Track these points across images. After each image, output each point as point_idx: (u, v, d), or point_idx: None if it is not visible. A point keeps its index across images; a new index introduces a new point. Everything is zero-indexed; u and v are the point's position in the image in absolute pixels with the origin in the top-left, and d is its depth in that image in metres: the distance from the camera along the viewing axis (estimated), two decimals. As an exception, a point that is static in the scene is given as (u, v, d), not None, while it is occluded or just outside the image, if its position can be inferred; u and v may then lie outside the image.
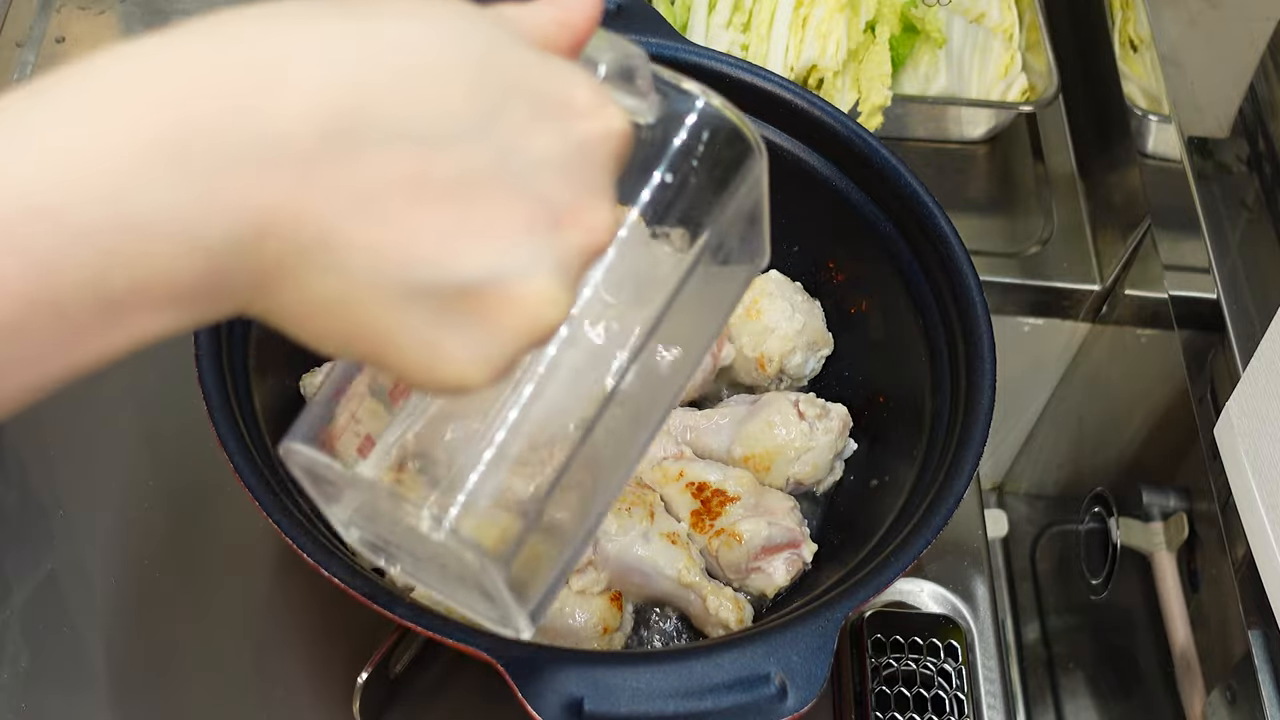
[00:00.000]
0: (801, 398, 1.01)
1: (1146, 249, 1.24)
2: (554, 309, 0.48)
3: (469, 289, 0.46)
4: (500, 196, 0.46)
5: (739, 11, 1.30)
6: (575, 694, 0.72)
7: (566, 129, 0.48)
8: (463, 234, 0.45)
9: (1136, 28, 1.28)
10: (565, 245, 0.48)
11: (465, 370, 0.48)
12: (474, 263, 0.46)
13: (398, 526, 0.58)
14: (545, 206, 0.47)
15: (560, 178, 0.48)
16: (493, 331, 0.47)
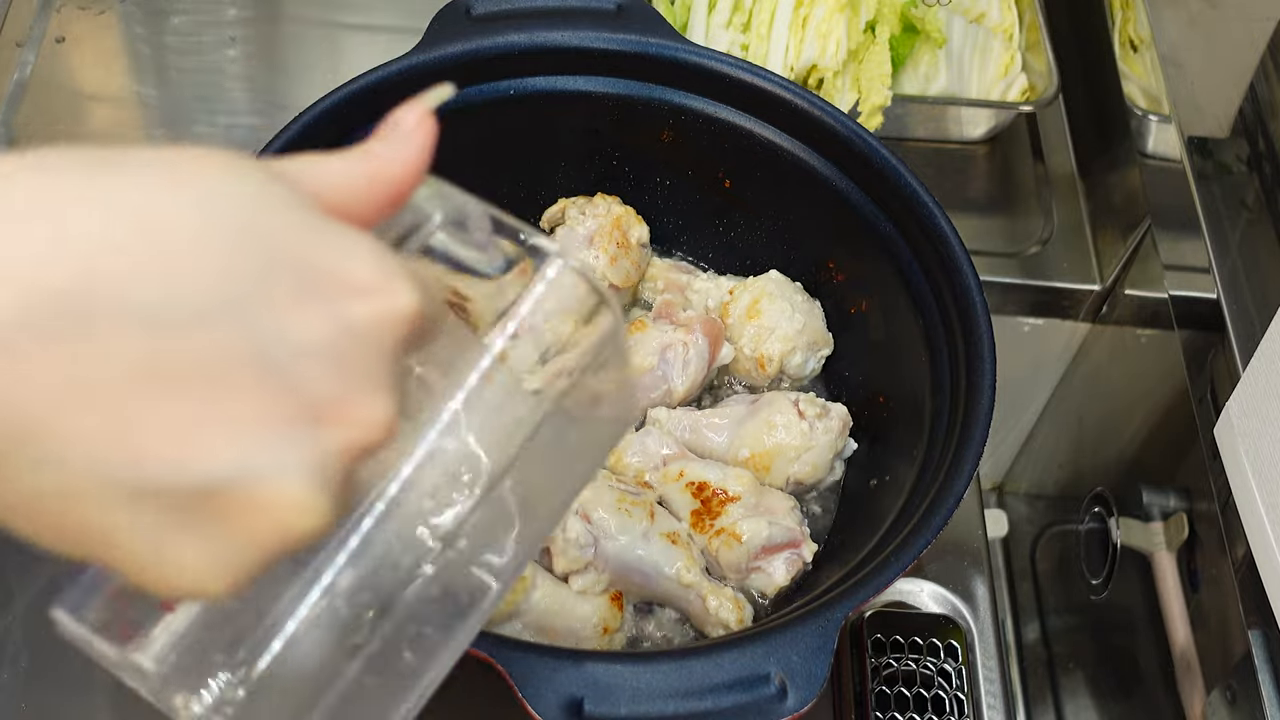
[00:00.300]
0: (801, 398, 1.01)
1: (1146, 249, 1.24)
2: (306, 516, 0.42)
3: (206, 491, 0.41)
4: (249, 387, 0.41)
5: (739, 11, 1.30)
6: (575, 694, 0.72)
7: (337, 311, 0.43)
8: (201, 429, 0.40)
9: (1136, 28, 1.28)
10: (325, 444, 0.42)
11: (200, 580, 0.42)
12: (212, 462, 0.41)
13: None
14: (303, 400, 0.42)
15: (325, 367, 0.42)
16: (233, 538, 0.42)
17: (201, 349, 0.40)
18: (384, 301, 0.44)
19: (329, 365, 0.42)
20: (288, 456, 0.42)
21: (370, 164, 0.47)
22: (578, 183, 1.11)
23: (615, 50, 1.02)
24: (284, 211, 0.43)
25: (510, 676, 0.72)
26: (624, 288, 1.09)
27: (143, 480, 0.40)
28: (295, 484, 0.42)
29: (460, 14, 1.01)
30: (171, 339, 0.40)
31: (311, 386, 0.42)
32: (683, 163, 1.09)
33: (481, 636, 0.75)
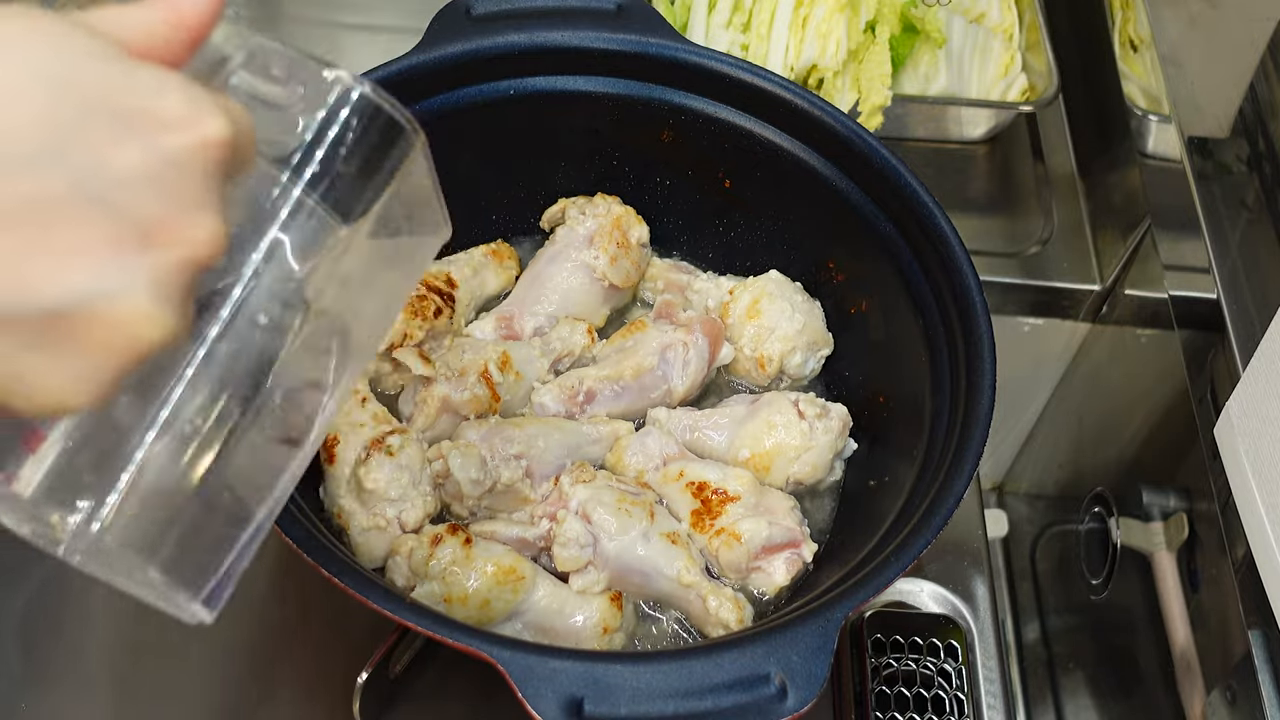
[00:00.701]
0: (801, 398, 1.01)
1: (1146, 249, 1.24)
2: (152, 326, 0.47)
3: (54, 315, 0.45)
4: (80, 219, 0.45)
5: (739, 11, 1.30)
6: (575, 694, 0.72)
7: (152, 143, 0.47)
8: (39, 259, 0.45)
9: (1136, 28, 1.28)
10: (160, 261, 0.47)
11: (64, 395, 0.47)
12: (55, 288, 0.45)
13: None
14: (132, 225, 0.46)
15: (148, 194, 0.47)
16: (87, 355, 0.46)
17: (30, 189, 0.44)
18: (196, 130, 0.48)
19: (150, 192, 0.47)
20: (124, 277, 0.46)
21: (167, 8, 0.51)
22: (578, 183, 1.11)
23: (615, 50, 1.02)
24: (95, 60, 0.47)
25: (510, 676, 0.72)
26: (624, 288, 1.09)
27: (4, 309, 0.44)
28: (138, 299, 0.46)
29: (460, 14, 1.01)
30: (5, 180, 0.44)
31: (136, 212, 0.46)
32: (683, 163, 1.09)
33: (482, 636, 0.75)
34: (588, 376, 1.03)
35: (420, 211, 0.63)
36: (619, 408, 1.03)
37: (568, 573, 0.92)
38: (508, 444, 0.95)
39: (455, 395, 0.97)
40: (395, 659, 0.93)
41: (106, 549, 0.53)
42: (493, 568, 0.89)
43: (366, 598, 0.76)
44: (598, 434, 1.00)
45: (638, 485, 0.97)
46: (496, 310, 1.08)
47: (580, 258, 1.07)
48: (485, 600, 0.88)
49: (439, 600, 0.88)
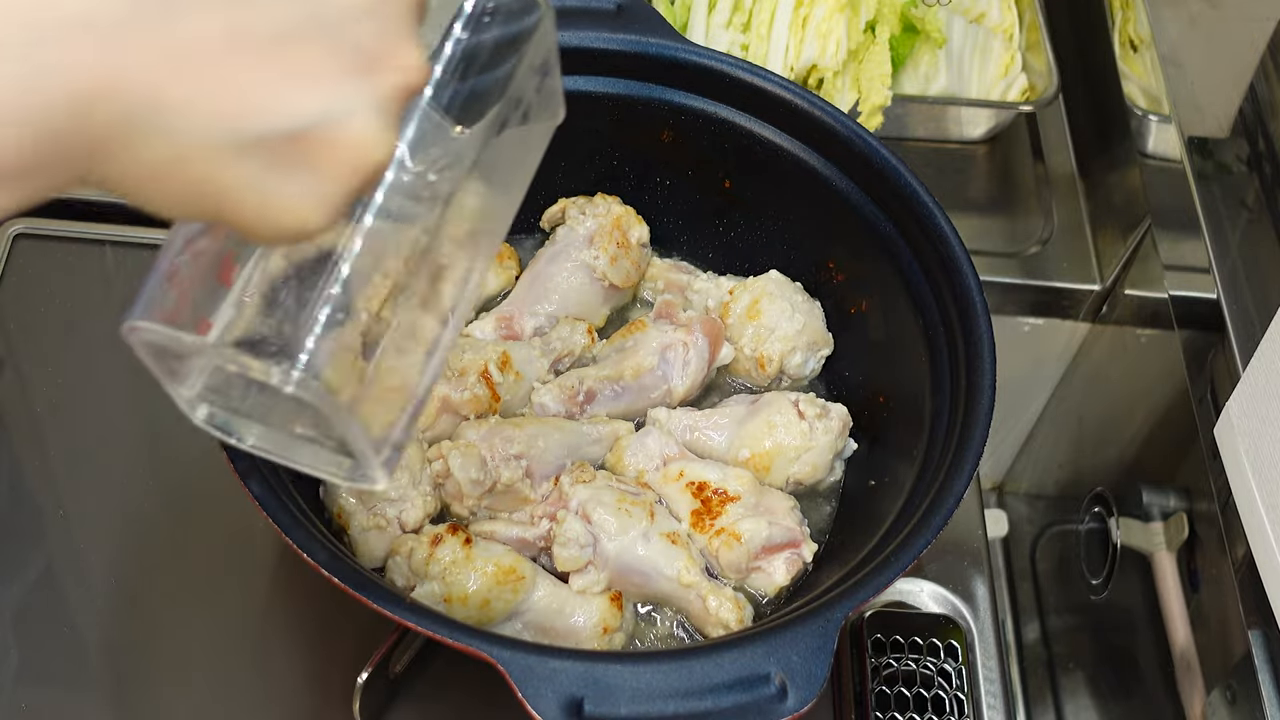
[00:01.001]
0: (801, 398, 1.01)
1: (1146, 249, 1.24)
2: (379, 146, 0.51)
3: (296, 135, 0.48)
4: (315, 46, 0.49)
5: (739, 11, 1.30)
6: (575, 694, 0.72)
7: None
8: (284, 83, 0.48)
9: (1136, 28, 1.28)
10: (382, 87, 0.51)
11: (302, 214, 0.50)
12: (298, 109, 0.48)
13: (246, 393, 0.61)
14: (357, 52, 0.50)
15: (368, 25, 0.50)
16: (324, 173, 0.50)
17: (273, 18, 0.48)
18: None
19: (371, 23, 0.50)
20: (356, 99, 0.50)
21: None
22: (578, 183, 1.11)
23: (615, 50, 1.02)
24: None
25: (510, 676, 0.72)
26: (624, 288, 1.09)
27: (244, 135, 0.48)
28: (367, 119, 0.50)
29: (460, 14, 1.01)
30: (248, 10, 0.47)
31: (362, 42, 0.50)
32: (683, 163, 1.09)
33: (482, 636, 0.75)
34: (588, 376, 1.03)
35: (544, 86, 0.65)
36: (619, 408, 1.03)
37: (568, 573, 0.92)
38: (508, 444, 0.95)
39: (455, 395, 0.97)
40: (395, 659, 0.93)
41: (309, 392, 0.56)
42: (493, 568, 0.89)
43: (366, 598, 0.76)
44: (598, 434, 1.00)
45: (638, 485, 0.97)
46: (496, 310, 1.08)
47: (580, 258, 1.07)
48: (485, 600, 0.88)
49: (439, 600, 0.88)
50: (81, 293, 1.16)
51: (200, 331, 0.56)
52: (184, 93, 0.46)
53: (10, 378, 1.11)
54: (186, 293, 0.57)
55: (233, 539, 1.03)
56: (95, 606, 1.00)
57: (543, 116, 0.67)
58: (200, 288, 0.57)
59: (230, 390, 0.62)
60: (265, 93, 0.48)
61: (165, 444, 1.08)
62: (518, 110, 0.64)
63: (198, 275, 0.57)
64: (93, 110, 0.45)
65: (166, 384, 0.61)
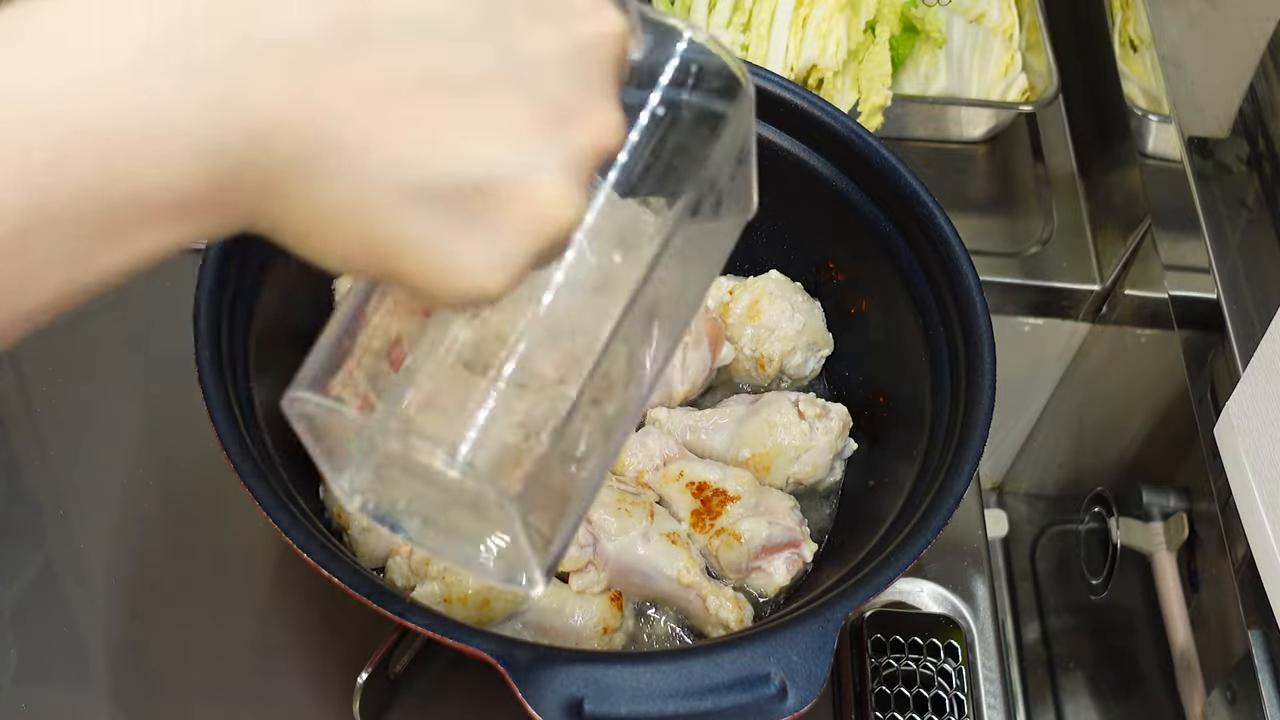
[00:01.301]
0: (801, 398, 1.01)
1: (1146, 249, 1.24)
2: (566, 208, 0.47)
3: (480, 188, 0.45)
4: (506, 94, 0.46)
5: (739, 11, 1.30)
6: (575, 694, 0.72)
7: (566, 29, 0.48)
8: (472, 132, 0.45)
9: (1136, 28, 1.28)
10: (574, 144, 0.47)
11: (481, 276, 0.47)
12: (485, 161, 0.45)
13: (407, 480, 0.57)
14: (551, 105, 0.47)
15: (564, 77, 0.47)
16: (507, 232, 0.46)
17: (467, 61, 0.45)
18: (601, 23, 0.49)
19: (565, 75, 0.48)
20: (546, 155, 0.46)
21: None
22: (578, 183, 1.11)
23: (615, 50, 1.02)
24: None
25: (510, 676, 0.72)
26: (624, 288, 1.09)
27: (425, 183, 0.44)
28: (555, 178, 0.47)
29: (460, 14, 1.01)
30: (442, 52, 0.44)
31: (556, 94, 0.47)
32: (683, 163, 1.09)
33: (482, 636, 0.75)
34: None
35: (739, 176, 0.62)
36: (619, 408, 1.03)
37: (568, 573, 0.92)
38: (508, 444, 0.95)
39: (455, 395, 0.97)
40: (395, 659, 0.93)
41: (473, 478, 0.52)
42: (493, 568, 0.89)
43: (366, 598, 0.76)
44: (598, 434, 1.00)
45: (638, 485, 0.97)
46: (496, 310, 1.08)
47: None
48: (485, 600, 0.88)
49: (439, 600, 0.88)
50: (81, 293, 1.16)
51: (362, 409, 0.53)
52: (369, 131, 0.43)
53: (10, 378, 1.11)
54: (354, 369, 0.54)
55: (233, 539, 1.03)
56: (95, 606, 1.00)
57: (734, 209, 0.63)
58: (369, 366, 0.54)
59: (392, 478, 0.58)
60: (453, 139, 0.45)
61: (165, 444, 1.08)
62: (711, 195, 0.60)
63: (368, 353, 0.54)
64: (273, 143, 0.42)
65: (324, 467, 0.57)
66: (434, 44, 0.44)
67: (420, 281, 0.47)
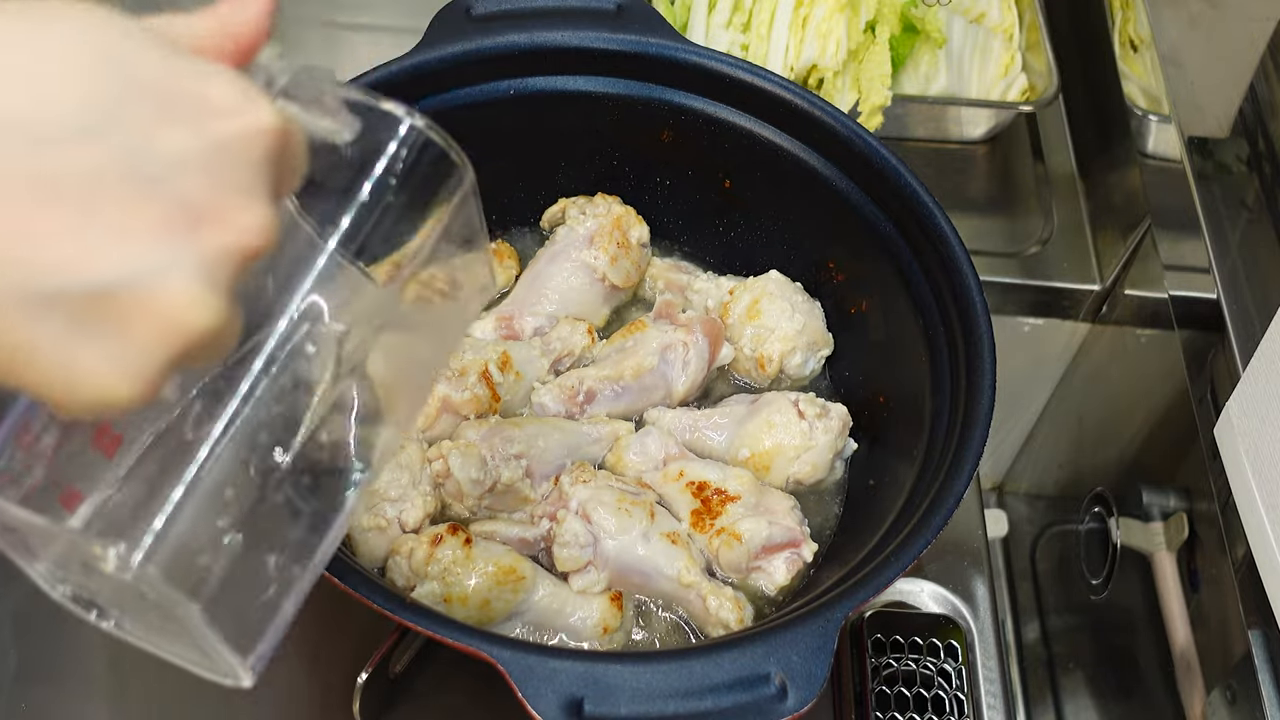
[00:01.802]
0: (801, 397, 1.01)
1: (1146, 249, 1.24)
2: (198, 312, 0.46)
3: (101, 294, 0.44)
4: (129, 197, 0.44)
5: (739, 11, 1.30)
6: (575, 694, 0.72)
7: (201, 128, 0.46)
8: (88, 237, 0.44)
9: (1136, 28, 1.28)
10: (209, 246, 0.46)
11: (108, 384, 0.46)
12: (103, 266, 0.44)
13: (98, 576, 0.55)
14: (181, 207, 0.45)
15: (198, 177, 0.46)
16: (134, 340, 0.45)
17: (79, 162, 0.44)
18: (246, 118, 0.47)
19: (200, 175, 0.46)
20: (172, 258, 0.45)
21: (215, 19, 0.51)
22: (578, 183, 1.11)
23: (615, 50, 1.02)
24: (144, 45, 0.47)
25: (510, 676, 0.72)
26: (624, 288, 1.09)
27: (41, 290, 0.43)
28: (183, 283, 0.45)
29: (460, 14, 1.01)
30: (51, 153, 0.43)
31: (186, 195, 0.45)
32: (683, 163, 1.09)
33: (482, 636, 0.75)
34: (588, 376, 1.03)
35: (466, 261, 0.61)
36: (619, 408, 1.03)
37: (568, 573, 0.92)
38: (508, 444, 0.95)
39: (455, 395, 0.97)
40: (395, 659, 0.93)
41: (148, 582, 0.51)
42: (493, 568, 0.89)
43: (366, 598, 0.76)
44: (598, 434, 1.00)
45: (638, 485, 0.97)
46: (496, 310, 1.08)
47: (580, 257, 1.07)
48: (485, 600, 0.88)
49: (439, 600, 0.88)
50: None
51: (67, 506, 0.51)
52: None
53: (10, 378, 1.11)
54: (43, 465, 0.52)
55: (233, 539, 1.03)
56: (95, 606, 1.00)
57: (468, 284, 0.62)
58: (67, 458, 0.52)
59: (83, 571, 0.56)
60: (64, 245, 0.43)
61: (165, 444, 1.08)
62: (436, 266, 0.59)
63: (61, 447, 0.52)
64: None
65: (16, 558, 0.56)
66: (48, 145, 0.43)
67: (45, 390, 0.46)
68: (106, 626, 0.58)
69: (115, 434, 0.53)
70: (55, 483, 0.52)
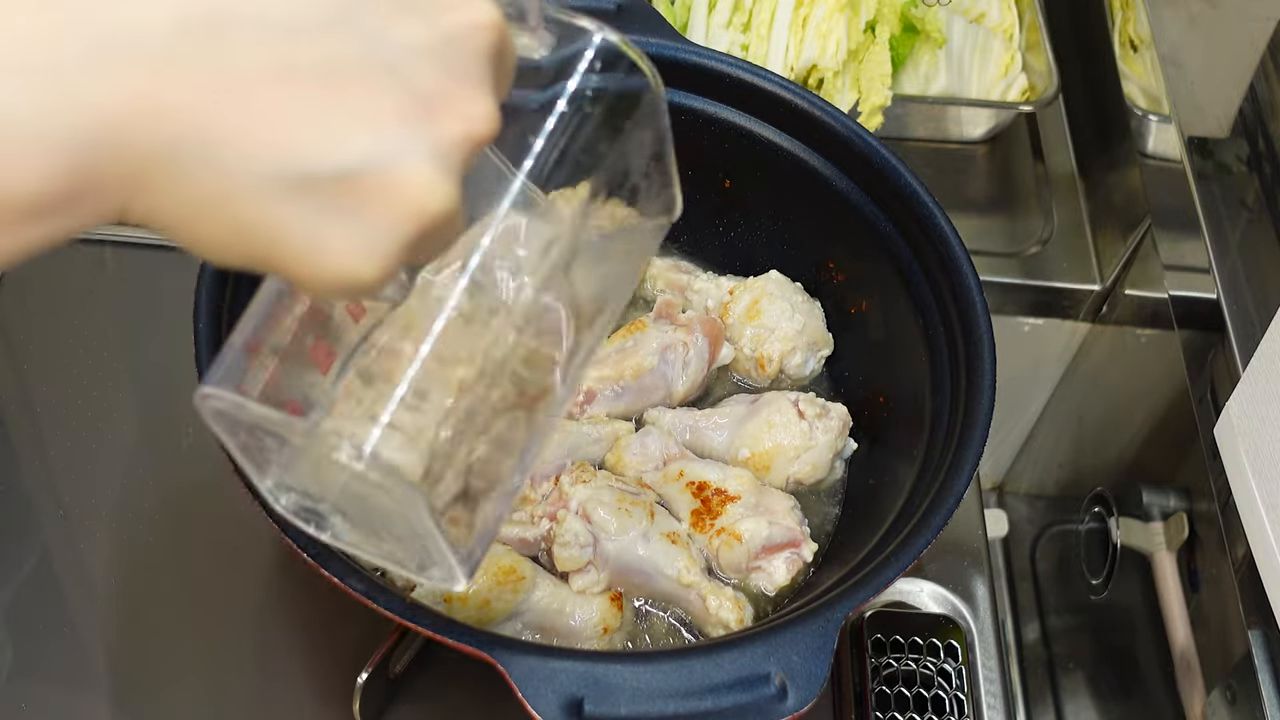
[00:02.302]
0: (801, 397, 1.01)
1: (1146, 249, 1.24)
2: (435, 196, 0.47)
3: (344, 177, 0.45)
4: (370, 84, 0.46)
5: (739, 11, 1.30)
6: (575, 694, 0.72)
7: (434, 19, 0.48)
8: (334, 121, 0.45)
9: (1136, 28, 1.28)
10: (442, 133, 0.47)
11: (351, 264, 0.47)
12: (349, 150, 0.45)
13: (328, 477, 0.58)
14: (417, 94, 0.47)
15: (431, 67, 0.48)
16: (374, 222, 0.47)
17: (327, 50, 0.45)
18: (471, 12, 0.49)
19: (434, 64, 0.48)
20: (410, 143, 0.46)
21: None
22: (578, 183, 1.11)
23: (615, 50, 1.02)
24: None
25: (510, 676, 0.72)
26: (624, 288, 1.09)
27: (291, 173, 0.45)
28: (421, 166, 0.47)
29: (460, 14, 1.01)
30: (301, 42, 0.45)
31: (421, 83, 0.47)
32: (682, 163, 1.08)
33: (482, 636, 0.75)
34: (588, 377, 1.03)
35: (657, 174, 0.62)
36: (619, 408, 1.03)
37: (567, 573, 0.92)
38: (508, 444, 0.95)
39: (455, 395, 0.97)
40: (395, 659, 0.93)
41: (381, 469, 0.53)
42: (493, 568, 0.89)
43: (366, 598, 0.76)
44: (598, 434, 1.00)
45: (638, 485, 0.97)
46: (496, 310, 1.08)
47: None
48: (485, 600, 0.88)
49: (439, 600, 0.88)
50: (81, 293, 1.16)
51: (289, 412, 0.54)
52: (230, 123, 0.44)
53: (10, 378, 1.11)
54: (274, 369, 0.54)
55: (233, 538, 1.03)
56: (94, 605, 1.00)
57: (654, 209, 0.63)
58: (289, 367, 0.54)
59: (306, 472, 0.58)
60: (315, 129, 0.45)
61: (165, 444, 1.08)
62: (623, 189, 0.60)
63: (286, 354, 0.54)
64: (132, 139, 0.42)
65: (245, 465, 0.58)
66: (294, 35, 0.45)
67: (294, 270, 0.47)
68: (325, 538, 0.60)
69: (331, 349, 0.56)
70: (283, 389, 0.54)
